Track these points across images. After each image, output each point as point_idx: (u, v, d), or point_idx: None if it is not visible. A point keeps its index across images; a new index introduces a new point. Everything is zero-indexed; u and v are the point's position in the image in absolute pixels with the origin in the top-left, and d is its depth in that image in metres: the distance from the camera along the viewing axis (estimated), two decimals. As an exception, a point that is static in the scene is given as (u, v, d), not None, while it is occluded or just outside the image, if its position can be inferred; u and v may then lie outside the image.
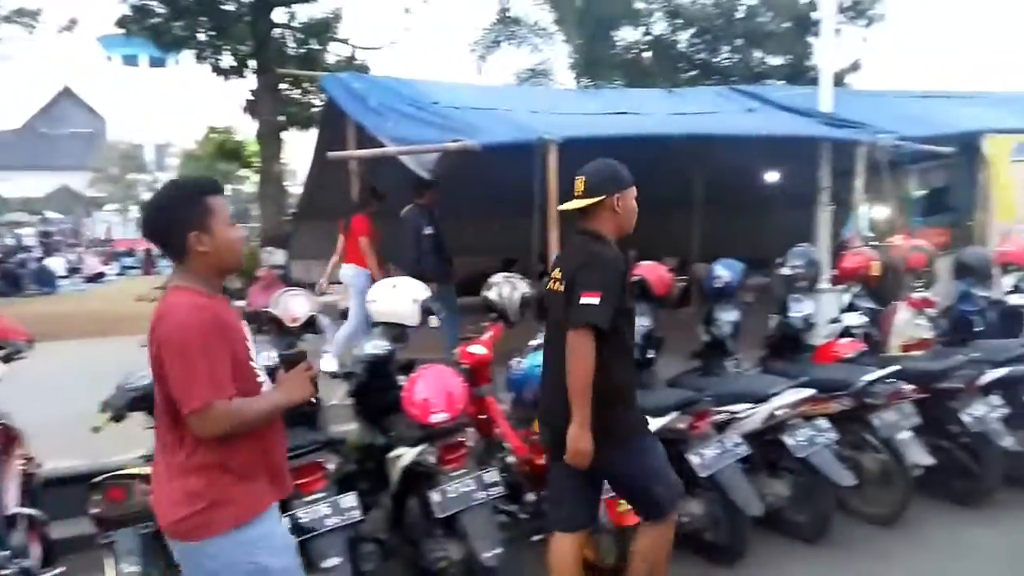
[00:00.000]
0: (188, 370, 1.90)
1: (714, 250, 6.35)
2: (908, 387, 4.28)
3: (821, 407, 4.17)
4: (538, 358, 3.96)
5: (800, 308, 5.26)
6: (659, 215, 9.63)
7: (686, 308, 6.79)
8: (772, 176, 9.79)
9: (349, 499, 3.16)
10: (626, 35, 16.61)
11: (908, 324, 5.62)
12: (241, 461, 2.02)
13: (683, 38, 16.49)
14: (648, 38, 16.58)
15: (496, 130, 6.00)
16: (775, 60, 16.53)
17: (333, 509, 3.09)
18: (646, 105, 8.08)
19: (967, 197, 8.05)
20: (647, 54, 16.43)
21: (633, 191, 2.85)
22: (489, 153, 5.58)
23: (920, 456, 4.09)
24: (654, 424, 3.65)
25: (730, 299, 5.00)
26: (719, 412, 3.95)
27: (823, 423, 4.03)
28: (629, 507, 3.32)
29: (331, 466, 3.27)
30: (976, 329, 5.84)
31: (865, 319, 5.41)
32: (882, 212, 8.81)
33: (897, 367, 4.26)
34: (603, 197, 2.78)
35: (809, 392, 3.98)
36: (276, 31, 11.67)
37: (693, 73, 16.31)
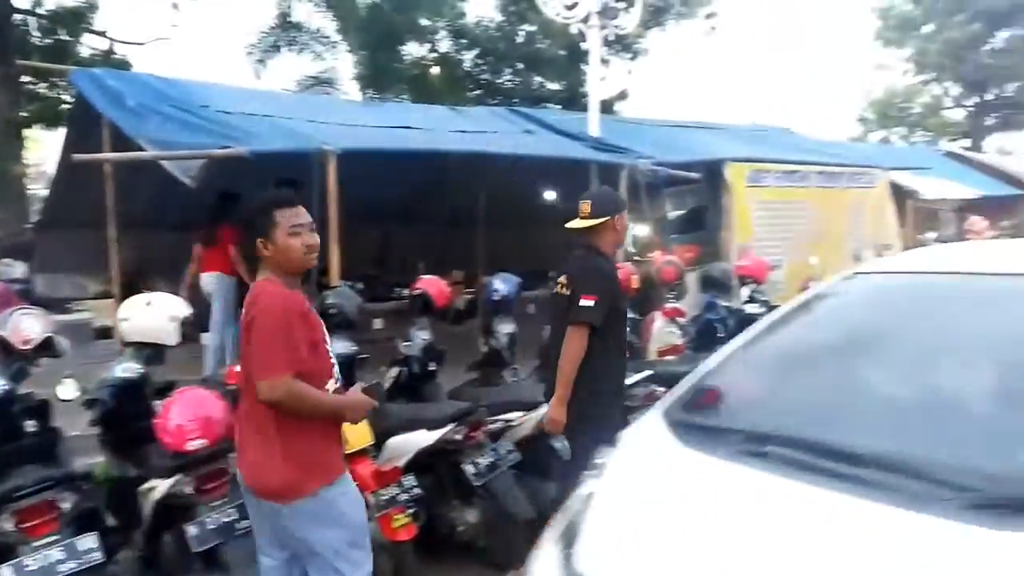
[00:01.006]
0: (270, 343, 2.29)
1: (499, 264, 6.55)
2: (661, 389, 4.68)
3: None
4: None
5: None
6: (446, 229, 9.82)
7: (472, 320, 6.95)
8: (549, 195, 10.33)
9: (88, 540, 2.83)
10: (413, 50, 16.75)
11: (663, 332, 6.17)
12: (319, 434, 2.43)
13: (468, 58, 16.96)
14: (434, 55, 16.84)
15: (271, 138, 5.76)
16: (553, 85, 17.51)
17: (68, 553, 2.75)
18: (430, 121, 8.20)
19: (714, 217, 9.04)
20: (436, 69, 16.68)
21: (626, 213, 3.49)
22: (262, 162, 5.33)
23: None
24: (432, 436, 3.67)
25: (508, 311, 5.17)
26: (494, 421, 4.06)
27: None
28: (405, 523, 3.31)
29: (67, 505, 2.90)
30: (719, 335, 6.55)
31: (627, 328, 5.85)
32: (643, 230, 9.61)
33: (651, 371, 4.64)
34: (607, 218, 3.33)
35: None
36: (17, 17, 10.31)
37: (478, 92, 16.81)
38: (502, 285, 5.16)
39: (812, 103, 55.25)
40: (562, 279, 3.44)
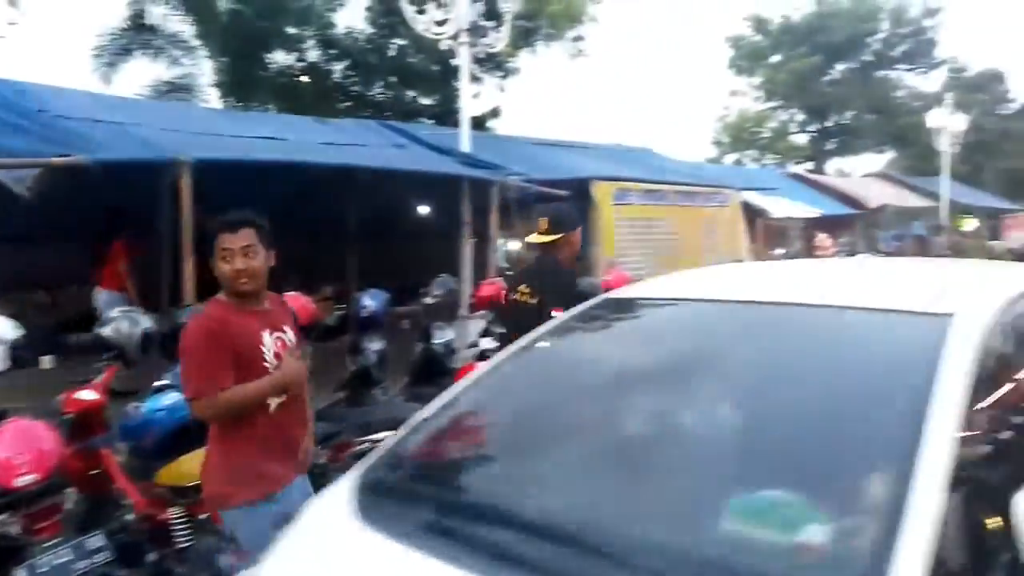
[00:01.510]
0: (189, 365, 2.44)
1: (370, 279, 6.44)
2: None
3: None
4: (160, 401, 3.60)
5: (442, 335, 5.57)
6: (315, 243, 9.53)
7: (345, 337, 6.78)
8: (422, 209, 10.28)
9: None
10: (279, 59, 16.24)
11: (534, 346, 6.26)
12: (257, 447, 2.50)
13: (338, 69, 16.64)
14: (302, 64, 16.40)
15: (118, 146, 5.39)
16: (426, 100, 17.49)
17: None
18: (296, 132, 7.96)
19: (582, 234, 9.30)
20: (304, 78, 16.24)
21: (580, 229, 3.67)
22: (111, 173, 4.97)
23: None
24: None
25: (377, 328, 5.09)
26: (362, 442, 3.96)
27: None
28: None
29: None
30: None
31: (497, 343, 5.90)
32: (514, 246, 9.76)
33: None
34: (564, 233, 3.56)
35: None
36: None
37: (348, 104, 16.52)
38: (370, 301, 5.08)
39: (672, 126, 58.34)
40: (523, 288, 3.59)
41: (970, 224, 21.42)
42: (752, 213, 12.69)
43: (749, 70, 28.37)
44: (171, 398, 3.51)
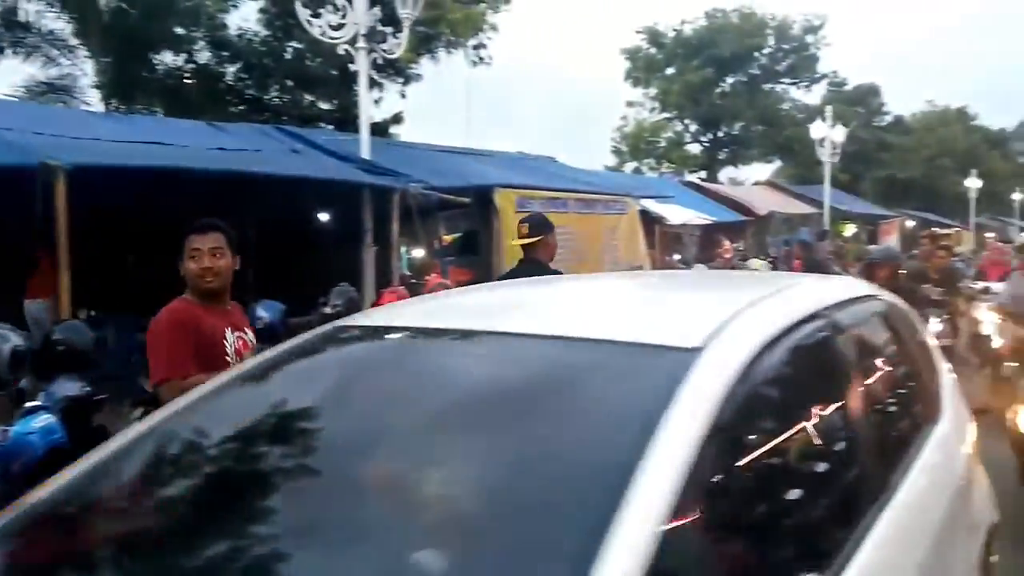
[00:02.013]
0: (154, 352, 2.63)
1: (269, 289, 6.19)
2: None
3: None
4: (30, 424, 3.33)
5: None
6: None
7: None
8: (321, 217, 10.03)
9: None
10: (167, 60, 15.49)
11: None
12: None
13: (230, 71, 16.04)
14: (192, 66, 15.71)
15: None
16: (325, 105, 17.10)
17: None
18: (184, 137, 7.60)
19: (486, 241, 9.32)
20: (192, 80, 15.56)
21: (555, 232, 4.25)
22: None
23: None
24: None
25: (274, 340, 4.90)
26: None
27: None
28: None
29: None
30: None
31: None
32: (418, 253, 9.66)
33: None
34: (543, 236, 4.16)
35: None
36: None
37: (242, 108, 15.94)
38: (265, 313, 4.89)
39: (574, 134, 59.50)
40: None
41: (850, 230, 22.84)
42: (650, 220, 13.08)
43: (645, 81, 29.30)
44: (43, 420, 3.25)
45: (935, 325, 7.09)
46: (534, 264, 4.21)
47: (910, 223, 29.88)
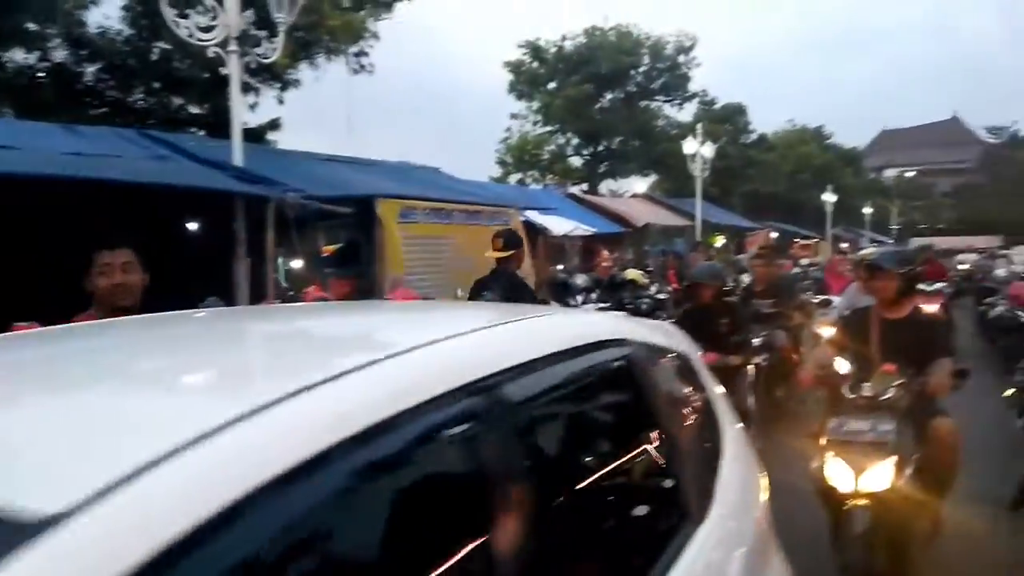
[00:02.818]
0: None
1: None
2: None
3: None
4: None
5: None
6: (62, 267, 8.44)
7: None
8: (191, 227, 9.51)
9: None
10: (17, 57, 14.28)
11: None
12: None
13: (90, 71, 14.99)
14: (46, 64, 14.57)
15: None
16: (196, 108, 16.29)
17: None
18: (36, 139, 7.02)
19: (368, 252, 9.14)
20: (46, 79, 14.43)
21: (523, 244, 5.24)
22: None
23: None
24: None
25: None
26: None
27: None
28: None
29: None
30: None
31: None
32: (296, 264, 9.34)
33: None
34: (515, 250, 4.96)
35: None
36: None
37: (103, 110, 14.92)
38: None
39: (458, 145, 59.69)
40: (488, 294, 4.81)
41: (720, 241, 24.08)
42: (533, 231, 13.26)
43: (528, 95, 29.79)
44: None
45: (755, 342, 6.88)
46: (505, 275, 4.94)
47: (774, 234, 31.90)
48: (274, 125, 16.55)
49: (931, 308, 9.55)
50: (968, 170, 57.79)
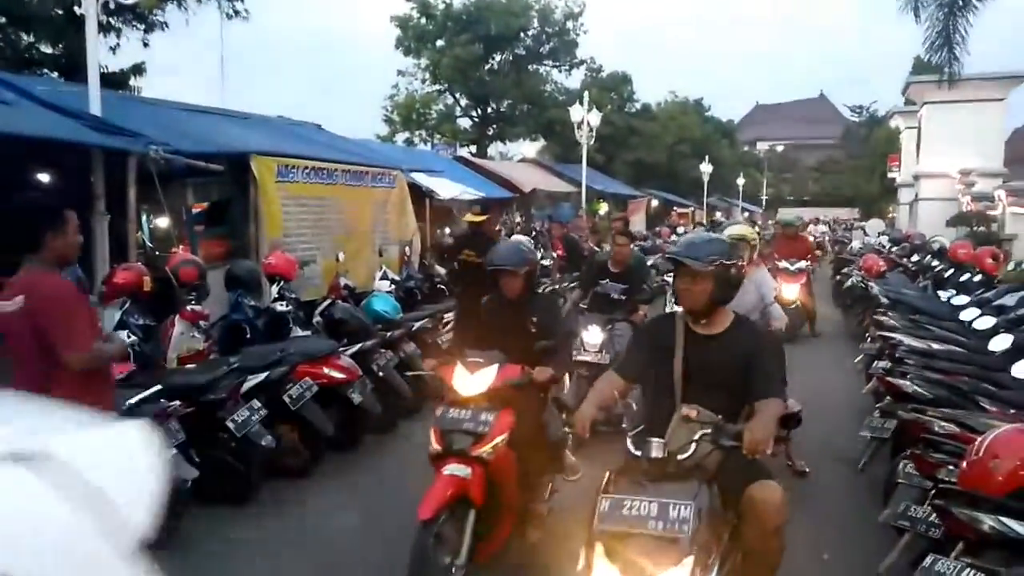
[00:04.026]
0: (72, 322, 2.96)
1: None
2: (175, 403, 4.24)
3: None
4: None
5: None
6: None
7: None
8: (41, 180, 8.69)
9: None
10: None
11: (184, 337, 5.66)
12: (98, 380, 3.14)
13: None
14: None
15: None
16: (49, 48, 14.84)
17: None
18: None
19: (241, 212, 8.66)
20: None
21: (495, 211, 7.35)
22: None
23: (186, 471, 4.12)
24: None
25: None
26: None
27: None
28: None
29: None
30: (247, 336, 6.28)
31: (136, 336, 5.22)
32: (162, 223, 8.76)
33: (158, 387, 4.17)
34: (490, 215, 6.61)
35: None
36: None
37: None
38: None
39: (343, 101, 57.67)
40: (467, 251, 6.54)
41: (603, 208, 24.62)
42: (420, 194, 13.02)
43: (416, 51, 29.05)
44: None
45: (595, 336, 5.96)
46: (481, 235, 6.36)
47: (655, 202, 32.99)
48: (138, 70, 15.29)
49: (790, 293, 9.62)
50: (831, 146, 61.80)
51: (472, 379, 3.62)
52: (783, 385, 3.70)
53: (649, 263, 8.96)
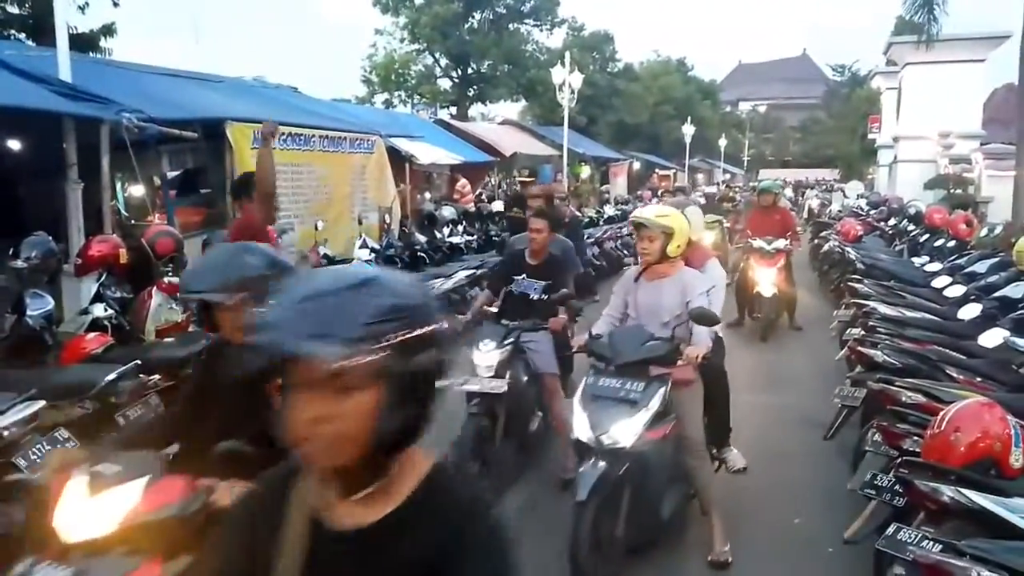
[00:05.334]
0: None
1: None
2: (154, 378, 4.24)
3: (63, 415, 3.79)
4: None
5: (39, 304, 4.75)
6: None
7: None
8: (12, 145, 8.52)
9: None
10: None
11: (161, 309, 5.65)
12: None
13: None
14: None
15: None
16: (14, 8, 14.36)
17: None
18: None
19: (217, 180, 8.56)
20: None
21: None
22: None
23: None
24: None
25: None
26: None
27: (63, 433, 3.66)
28: None
29: None
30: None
31: (113, 309, 5.19)
32: (137, 191, 8.64)
33: (137, 361, 4.16)
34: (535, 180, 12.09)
35: (38, 405, 3.53)
36: None
37: None
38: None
39: (320, 60, 56.51)
40: (516, 210, 6.20)
41: (585, 171, 24.53)
42: (400, 159, 12.90)
43: (394, 10, 28.47)
44: None
45: (487, 355, 4.24)
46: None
47: (636, 165, 32.87)
48: (108, 31, 14.83)
49: (765, 280, 8.26)
50: (814, 106, 61.65)
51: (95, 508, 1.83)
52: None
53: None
